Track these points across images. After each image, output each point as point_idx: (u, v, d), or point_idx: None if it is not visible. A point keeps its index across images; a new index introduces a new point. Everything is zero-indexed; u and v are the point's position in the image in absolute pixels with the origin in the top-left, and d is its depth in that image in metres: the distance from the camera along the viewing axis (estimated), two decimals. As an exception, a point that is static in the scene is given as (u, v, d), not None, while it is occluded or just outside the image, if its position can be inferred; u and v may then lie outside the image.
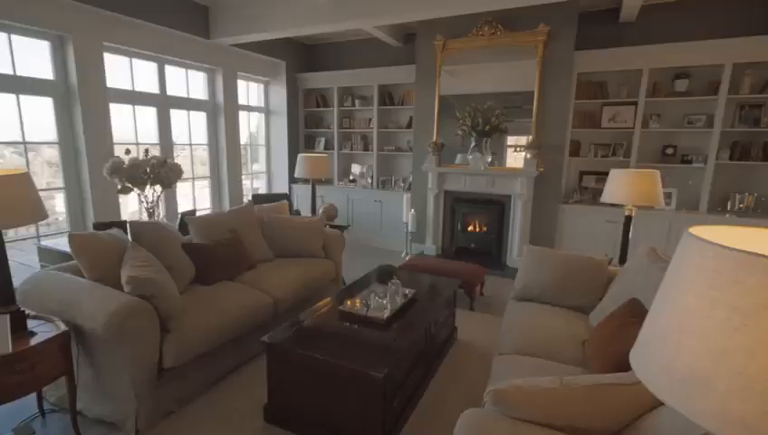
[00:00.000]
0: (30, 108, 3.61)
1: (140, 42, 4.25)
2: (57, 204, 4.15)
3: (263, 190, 6.43)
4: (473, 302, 3.68)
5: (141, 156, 3.09)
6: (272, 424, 2.15)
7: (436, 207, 5.26)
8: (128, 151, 3.17)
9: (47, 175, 3.97)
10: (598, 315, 2.25)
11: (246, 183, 6.17)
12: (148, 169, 3.04)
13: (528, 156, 4.69)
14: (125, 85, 4.30)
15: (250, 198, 5.72)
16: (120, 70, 4.24)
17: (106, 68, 3.99)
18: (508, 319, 2.49)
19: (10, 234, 3.69)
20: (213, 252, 2.95)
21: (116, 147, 4.18)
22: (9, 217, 1.77)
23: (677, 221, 4.36)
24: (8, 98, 3.44)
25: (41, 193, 2.01)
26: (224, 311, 2.52)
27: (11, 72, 3.43)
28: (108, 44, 4.00)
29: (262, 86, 6.19)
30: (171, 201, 4.92)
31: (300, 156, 4.08)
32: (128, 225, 2.58)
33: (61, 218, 4.10)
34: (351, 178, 6.28)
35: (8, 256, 1.92)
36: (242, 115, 5.85)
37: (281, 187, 6.39)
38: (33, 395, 2.19)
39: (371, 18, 4.06)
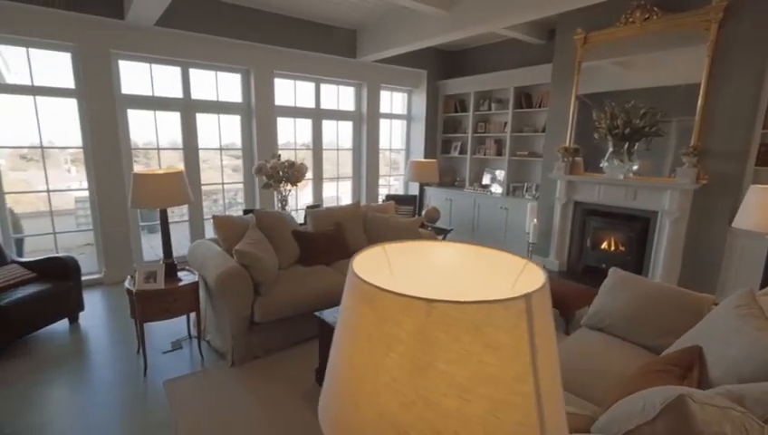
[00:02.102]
0: (226, 124, 5.00)
1: (302, 67, 5.30)
2: (240, 195, 5.56)
3: (400, 191, 6.99)
4: (568, 326, 3.32)
5: (274, 160, 3.94)
6: (319, 384, 2.57)
7: (563, 219, 4.79)
8: (273, 155, 4.09)
9: (235, 173, 5.38)
10: (663, 360, 1.86)
11: (386, 183, 6.84)
12: (280, 171, 3.87)
13: (686, 164, 3.84)
14: (288, 102, 5.42)
15: (384, 197, 6.34)
16: (285, 91, 5.38)
17: (276, 90, 5.16)
18: (563, 346, 2.27)
19: (206, 214, 5.18)
20: (316, 240, 3.56)
21: (281, 151, 5.36)
22: (168, 200, 2.67)
23: None
24: (212, 117, 4.86)
25: (229, 186, 2.90)
26: (309, 288, 3.07)
27: (215, 99, 4.83)
28: (278, 72, 5.14)
29: (405, 95, 6.73)
30: (318, 196, 5.94)
31: (410, 161, 4.40)
32: (254, 212, 3.39)
33: (241, 205, 5.49)
34: (484, 183, 6.23)
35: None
36: (385, 122, 6.53)
37: (415, 189, 6.82)
38: (185, 323, 3.18)
39: (490, 22, 4.04)
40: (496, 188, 5.99)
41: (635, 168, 4.21)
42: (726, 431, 0.98)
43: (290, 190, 4.08)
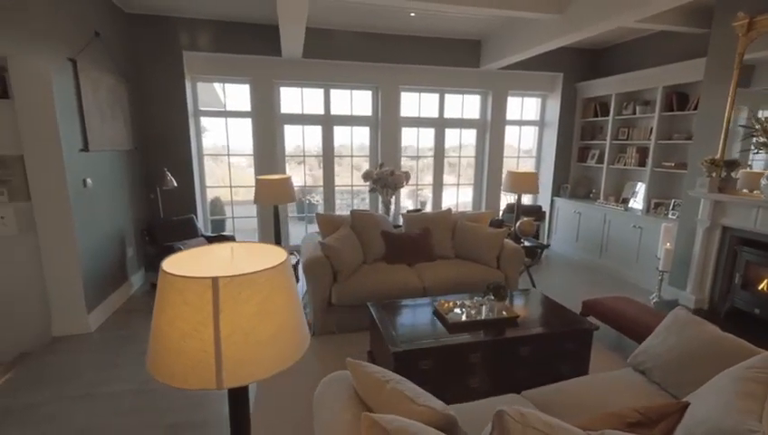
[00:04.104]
0: (358, 134, 5.84)
1: (426, 80, 5.71)
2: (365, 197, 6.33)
3: (529, 200, 6.70)
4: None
5: (378, 169, 4.47)
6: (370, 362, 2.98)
7: (706, 247, 3.91)
8: (380, 165, 4.66)
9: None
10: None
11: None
12: (381, 178, 4.40)
13: None
14: (413, 113, 5.92)
15: (504, 206, 6.24)
16: (410, 102, 5.89)
17: (402, 102, 5.73)
18: (587, 380, 2.12)
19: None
20: (401, 241, 3.96)
21: (402, 158, 5.93)
22: (278, 199, 3.50)
23: None
24: (345, 130, 5.75)
25: (357, 188, 3.71)
26: (381, 282, 3.50)
27: (349, 114, 5.70)
28: (403, 86, 5.69)
29: (539, 100, 6.41)
30: (438, 200, 6.28)
31: (507, 171, 4.33)
32: (351, 212, 4.00)
33: (357, 205, 6.27)
34: (624, 196, 5.49)
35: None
36: (514, 129, 6.39)
37: (544, 198, 6.44)
38: (292, 296, 4.03)
39: (608, 21, 3.67)
40: (636, 204, 5.22)
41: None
42: (546, 459, 1.02)
43: (392, 195, 4.58)
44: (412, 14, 4.58)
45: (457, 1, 3.73)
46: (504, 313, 2.76)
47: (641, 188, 5.21)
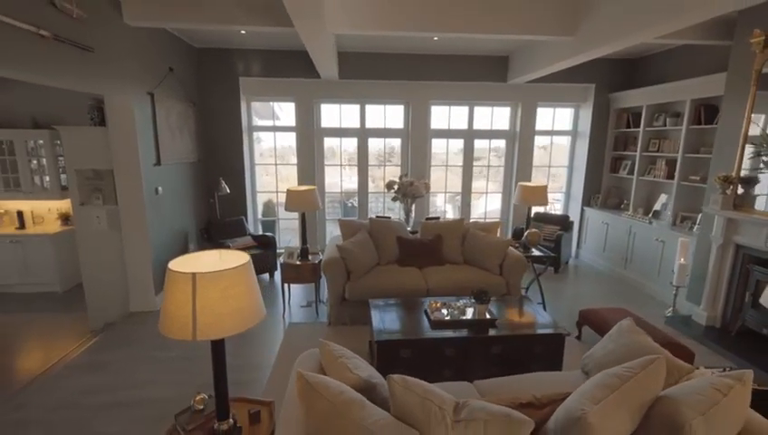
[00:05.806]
0: (391, 144, 6.32)
1: (455, 95, 6.05)
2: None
3: (558, 210, 6.74)
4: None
5: (399, 180, 4.92)
6: (370, 354, 3.47)
7: (719, 264, 3.88)
8: (401, 176, 5.11)
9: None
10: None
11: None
12: (402, 188, 4.85)
13: None
14: (443, 125, 6.28)
15: (533, 214, 6.36)
16: (440, 114, 6.25)
17: (432, 114, 6.12)
18: (531, 375, 2.43)
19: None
20: (413, 246, 4.39)
21: (432, 168, 6.33)
22: (305, 207, 4.10)
23: None
24: (379, 141, 6.25)
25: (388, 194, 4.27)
26: (390, 282, 3.96)
27: (383, 127, 6.20)
28: (432, 101, 6.08)
29: (572, 110, 6.44)
30: (466, 208, 6.57)
31: (518, 184, 4.56)
32: (370, 219, 4.51)
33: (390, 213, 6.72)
34: (656, 208, 5.41)
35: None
36: (544, 139, 6.50)
37: (575, 208, 6.47)
38: (313, 288, 4.62)
39: (616, 42, 3.80)
40: (665, 217, 5.15)
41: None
42: (416, 413, 1.45)
43: (412, 203, 5.01)
44: (435, 38, 4.97)
45: (471, 29, 4.06)
46: (487, 315, 3.10)
47: (670, 200, 5.13)
